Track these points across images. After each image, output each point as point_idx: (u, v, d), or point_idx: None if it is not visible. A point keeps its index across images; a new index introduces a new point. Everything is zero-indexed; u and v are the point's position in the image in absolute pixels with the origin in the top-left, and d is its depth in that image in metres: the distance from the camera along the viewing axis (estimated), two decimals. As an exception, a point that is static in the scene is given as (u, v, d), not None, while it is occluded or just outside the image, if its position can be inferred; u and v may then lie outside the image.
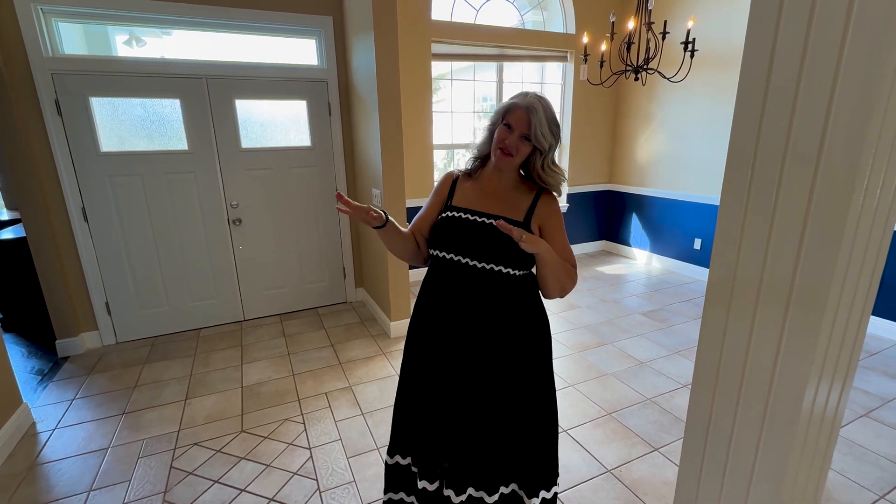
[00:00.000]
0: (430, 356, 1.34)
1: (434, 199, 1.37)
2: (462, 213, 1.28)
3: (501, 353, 1.28)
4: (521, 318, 1.29)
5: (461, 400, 1.30)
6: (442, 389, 1.32)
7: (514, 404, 1.31)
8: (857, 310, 0.88)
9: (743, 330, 0.93)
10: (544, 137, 1.20)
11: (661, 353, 3.03)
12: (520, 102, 1.21)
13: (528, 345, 1.31)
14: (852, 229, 0.78)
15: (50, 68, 2.76)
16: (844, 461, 2.03)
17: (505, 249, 1.22)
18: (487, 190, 1.32)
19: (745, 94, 0.87)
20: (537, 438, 1.35)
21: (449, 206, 1.33)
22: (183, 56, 3.18)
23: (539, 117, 1.18)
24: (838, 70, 0.74)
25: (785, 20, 0.79)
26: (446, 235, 1.27)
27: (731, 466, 1.01)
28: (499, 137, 1.23)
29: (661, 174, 4.72)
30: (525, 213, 1.29)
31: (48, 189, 2.90)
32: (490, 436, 1.30)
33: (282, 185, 3.53)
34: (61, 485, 1.96)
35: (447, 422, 1.32)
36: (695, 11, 3.94)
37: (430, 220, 1.35)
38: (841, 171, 0.75)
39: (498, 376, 1.29)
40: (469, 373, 1.29)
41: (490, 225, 1.23)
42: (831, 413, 0.95)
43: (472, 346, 1.27)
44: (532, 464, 1.36)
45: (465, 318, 1.27)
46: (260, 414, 2.43)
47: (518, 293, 1.28)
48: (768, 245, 0.87)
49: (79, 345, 3.13)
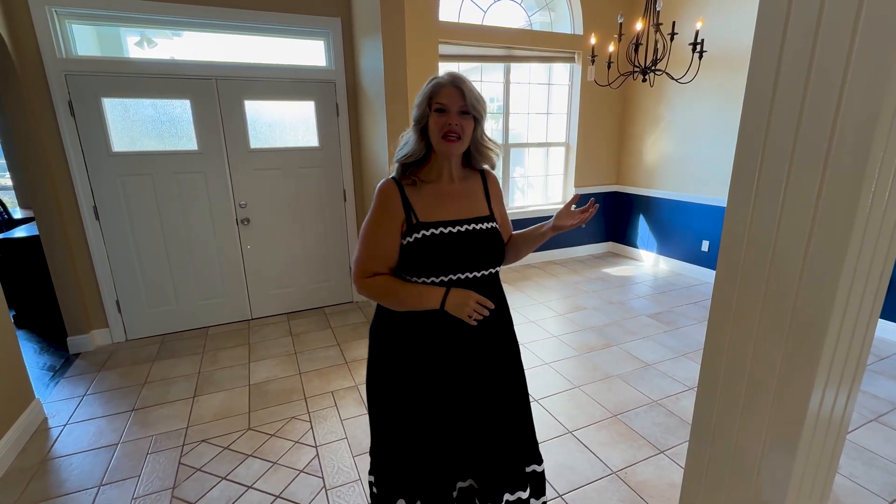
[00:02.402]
0: (439, 382, 1.24)
1: (389, 223, 1.18)
2: (441, 229, 1.17)
3: (502, 349, 1.30)
4: (506, 309, 1.32)
5: (482, 411, 1.28)
6: (462, 410, 1.26)
7: (514, 395, 1.33)
8: (864, 313, 0.88)
9: (748, 332, 0.93)
10: (479, 103, 1.16)
11: (667, 355, 3.01)
12: (442, 81, 1.15)
13: (511, 332, 1.34)
14: (860, 231, 0.77)
15: (63, 69, 2.81)
16: (853, 466, 2.01)
17: (497, 248, 1.24)
18: (446, 191, 1.23)
19: (753, 96, 0.87)
20: (525, 417, 1.37)
21: (418, 224, 1.17)
22: (193, 57, 3.22)
23: (468, 86, 1.14)
24: (847, 71, 0.73)
25: (793, 21, 0.79)
26: (438, 258, 1.16)
27: (736, 470, 1.00)
28: (437, 126, 1.14)
29: (669, 175, 4.70)
30: (486, 205, 1.28)
31: (61, 188, 2.94)
32: (505, 435, 1.31)
33: (290, 185, 3.56)
34: (72, 479, 1.99)
35: (468, 441, 1.28)
36: (703, 12, 3.91)
37: (396, 248, 1.19)
38: (849, 173, 0.75)
39: (503, 374, 1.30)
40: (485, 381, 1.27)
41: (475, 230, 1.20)
42: (838, 417, 0.94)
43: (487, 354, 1.27)
44: (527, 440, 1.37)
45: (468, 334, 1.22)
46: (267, 412, 2.45)
47: (499, 289, 1.30)
48: (775, 246, 0.87)
49: (89, 342, 3.18)
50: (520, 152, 5.09)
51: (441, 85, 1.14)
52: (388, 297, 1.19)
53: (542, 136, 5.07)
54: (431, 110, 1.15)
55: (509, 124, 4.77)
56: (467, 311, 1.14)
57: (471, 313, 1.15)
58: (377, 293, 1.19)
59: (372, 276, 1.19)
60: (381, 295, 1.20)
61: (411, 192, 1.19)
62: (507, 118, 4.74)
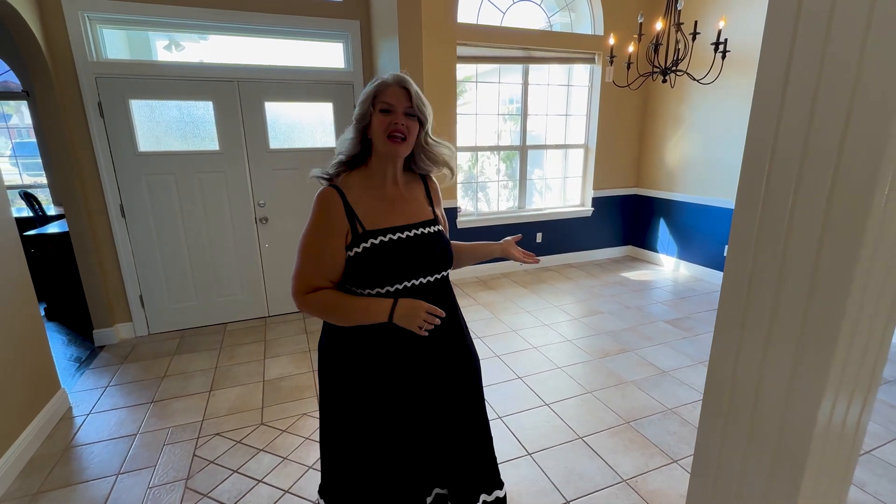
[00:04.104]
0: (396, 396, 1.20)
1: (332, 236, 1.11)
2: (388, 236, 1.13)
3: (456, 359, 1.27)
4: (458, 314, 1.30)
5: (437, 427, 1.26)
6: (417, 427, 1.23)
7: (469, 411, 1.30)
8: (879, 321, 0.84)
9: (758, 338, 0.90)
10: (425, 106, 1.13)
11: (684, 362, 2.94)
12: (387, 80, 1.12)
13: (463, 339, 1.30)
14: (873, 236, 0.74)
15: (94, 72, 2.92)
16: (879, 483, 1.92)
17: (445, 251, 1.22)
18: (390, 196, 1.19)
19: (762, 97, 0.84)
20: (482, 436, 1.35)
21: (365, 233, 1.12)
22: (216, 60, 3.31)
23: (414, 87, 1.12)
24: (860, 73, 0.71)
25: (804, 20, 0.76)
26: (388, 267, 1.11)
27: (743, 483, 0.97)
28: (382, 126, 1.10)
29: (691, 179, 4.59)
30: (430, 209, 1.26)
31: (89, 187, 3.06)
32: (473, 438, 1.30)
33: (307, 185, 3.61)
34: (93, 467, 2.07)
35: (436, 449, 1.27)
36: (726, 11, 3.82)
37: (341, 261, 1.12)
38: (861, 175, 0.72)
39: (460, 378, 1.28)
40: (439, 395, 1.24)
41: (423, 235, 1.18)
42: (851, 429, 0.91)
43: (440, 365, 1.24)
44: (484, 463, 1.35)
45: (430, 342, 1.19)
46: (279, 408, 2.49)
47: (451, 290, 1.29)
48: (786, 251, 0.84)
49: (114, 335, 3.29)
50: (538, 154, 5.06)
51: (386, 84, 1.12)
52: (332, 313, 1.13)
53: (560, 137, 5.02)
54: (375, 110, 1.11)
55: (527, 126, 4.74)
56: (417, 322, 1.08)
57: (421, 324, 1.08)
58: (320, 309, 1.13)
59: (314, 291, 1.12)
60: (324, 311, 1.14)
61: (354, 199, 1.13)
62: (526, 119, 4.71)
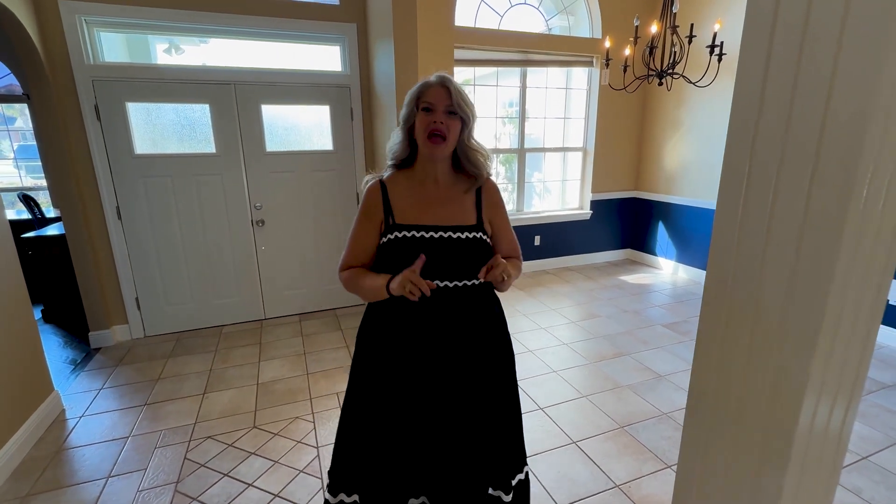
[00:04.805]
0: (404, 385, 1.23)
1: (368, 223, 1.21)
2: (413, 232, 1.16)
3: (475, 367, 1.24)
4: (486, 326, 1.26)
5: (444, 426, 1.24)
6: (422, 421, 1.24)
7: (486, 415, 1.28)
8: (862, 323, 0.83)
9: (741, 339, 0.89)
10: (466, 105, 1.15)
11: (681, 366, 2.92)
12: (430, 81, 1.15)
13: (495, 352, 1.27)
14: (852, 239, 0.73)
15: (91, 75, 2.93)
16: (876, 490, 1.90)
17: (474, 260, 1.17)
18: (429, 196, 1.21)
19: (742, 99, 0.84)
20: (505, 435, 1.33)
21: (393, 224, 1.18)
22: (213, 63, 3.32)
23: (455, 85, 1.13)
24: (835, 72, 0.70)
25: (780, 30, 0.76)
26: (406, 261, 1.12)
27: (727, 486, 0.96)
28: (423, 124, 1.13)
29: (690, 181, 4.58)
30: (475, 214, 1.23)
31: (86, 189, 3.07)
32: (472, 451, 1.27)
33: (304, 188, 3.62)
34: (83, 470, 2.06)
35: (429, 451, 1.26)
36: (722, 14, 3.81)
37: (372, 246, 1.22)
38: (837, 177, 0.71)
39: (473, 394, 1.25)
40: (447, 398, 1.23)
41: (452, 239, 1.17)
42: (835, 432, 0.89)
43: (450, 366, 1.22)
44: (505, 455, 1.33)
45: (438, 339, 1.20)
46: (272, 411, 2.48)
47: (482, 302, 1.24)
48: (765, 252, 0.83)
49: (110, 337, 3.29)
50: (537, 157, 5.05)
51: (429, 85, 1.15)
52: (354, 287, 1.23)
53: (559, 140, 5.02)
54: (419, 110, 1.15)
55: (526, 129, 4.74)
56: (408, 288, 1.07)
57: (410, 290, 1.07)
58: (348, 284, 1.25)
59: (347, 269, 1.25)
60: (350, 285, 1.24)
61: (394, 193, 1.21)
62: (524, 122, 4.71)
